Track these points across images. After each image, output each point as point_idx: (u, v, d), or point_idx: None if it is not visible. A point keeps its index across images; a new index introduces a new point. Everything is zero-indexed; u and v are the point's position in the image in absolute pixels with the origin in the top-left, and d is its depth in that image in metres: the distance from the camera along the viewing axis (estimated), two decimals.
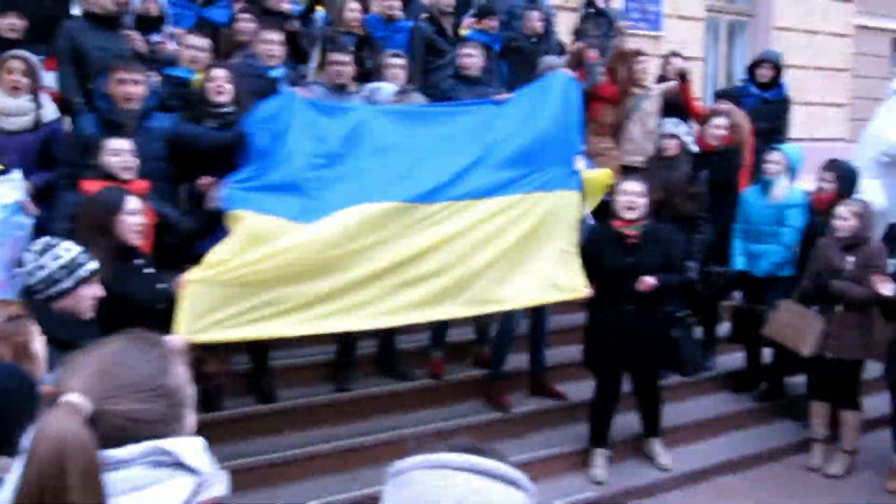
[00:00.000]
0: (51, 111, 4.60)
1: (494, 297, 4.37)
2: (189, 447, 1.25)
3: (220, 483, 1.27)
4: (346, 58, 5.09)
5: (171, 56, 5.12)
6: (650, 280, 4.42)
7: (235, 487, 1.42)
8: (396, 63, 5.27)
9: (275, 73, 4.92)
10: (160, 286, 3.56)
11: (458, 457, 1.09)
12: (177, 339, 2.79)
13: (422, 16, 6.23)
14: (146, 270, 3.53)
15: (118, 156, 3.77)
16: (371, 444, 4.49)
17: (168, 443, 1.23)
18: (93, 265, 2.80)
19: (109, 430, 1.19)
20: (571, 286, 4.50)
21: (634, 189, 4.56)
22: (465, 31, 6.25)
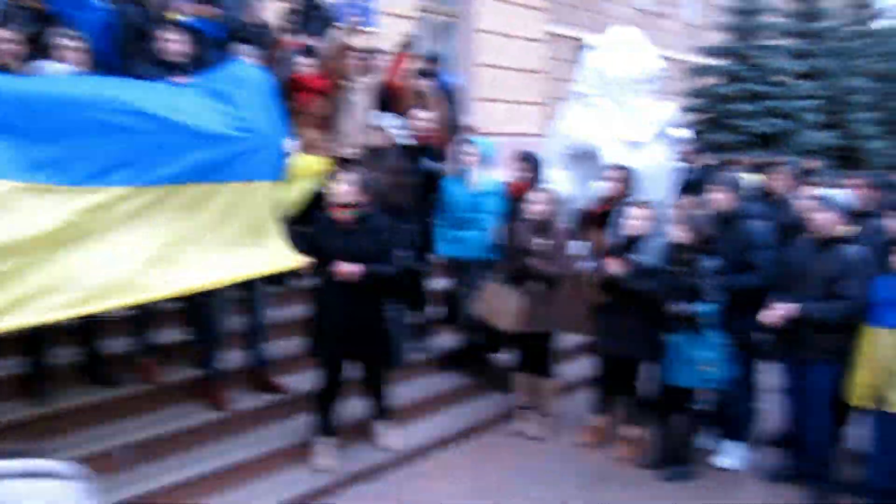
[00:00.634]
0: None
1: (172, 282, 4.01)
2: None
3: None
4: (9, 34, 4.54)
5: None
6: (348, 267, 4.50)
7: None
8: (67, 44, 4.73)
9: None
10: None
11: None
12: None
13: None
14: None
15: None
16: (78, 459, 4.11)
17: None
18: None
19: None
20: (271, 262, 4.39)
21: (346, 179, 4.67)
22: (178, 16, 5.89)
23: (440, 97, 6.84)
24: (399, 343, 4.72)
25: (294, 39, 6.42)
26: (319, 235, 4.67)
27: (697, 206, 5.29)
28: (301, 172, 4.75)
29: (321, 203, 4.92)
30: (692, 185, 7.40)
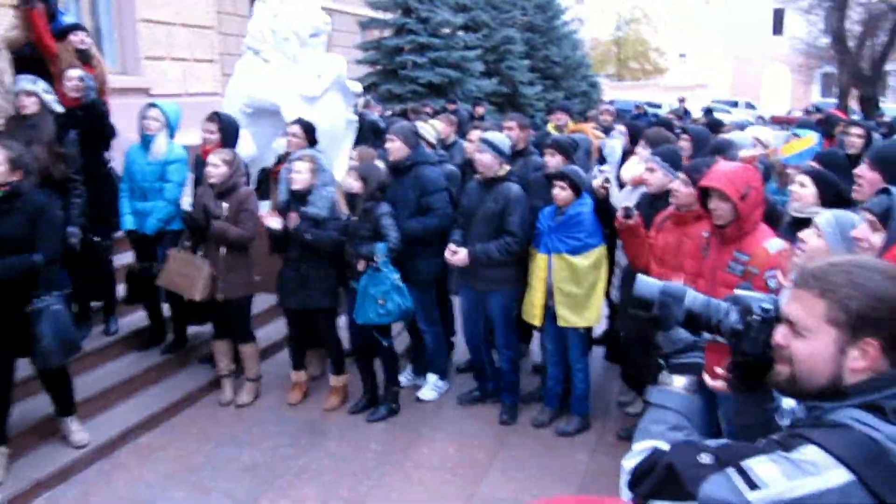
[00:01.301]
0: None
1: None
2: None
3: None
4: None
5: None
6: None
7: None
8: None
9: None
10: None
11: None
12: None
13: None
14: None
15: None
16: None
17: None
18: None
19: None
20: None
21: None
22: None
23: (94, 53, 6.21)
24: (58, 337, 4.17)
25: None
26: None
27: (370, 156, 5.47)
28: None
29: None
30: (369, 135, 7.64)
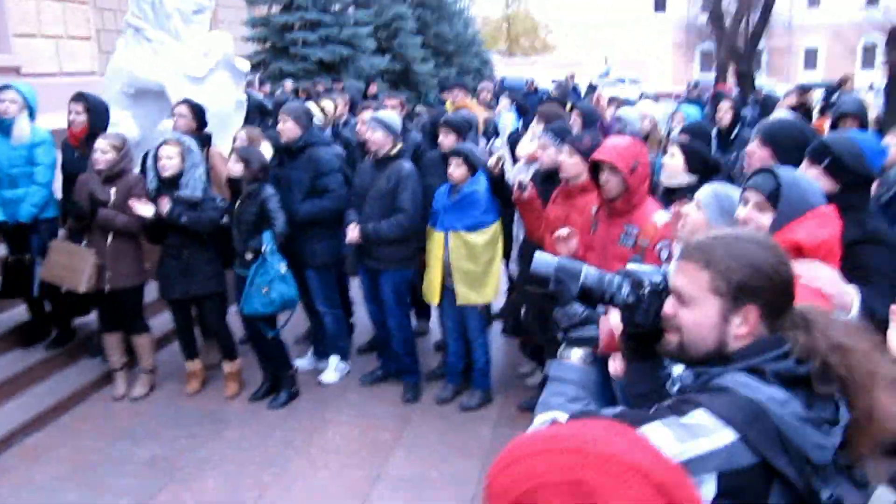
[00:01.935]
0: None
1: None
2: None
3: None
4: None
5: None
6: None
7: None
8: None
9: None
10: None
11: None
12: None
13: None
14: None
15: None
16: None
17: None
18: None
19: None
20: None
21: None
22: None
23: None
24: None
25: None
26: None
27: (258, 137, 5.35)
28: None
29: None
30: (255, 115, 7.47)
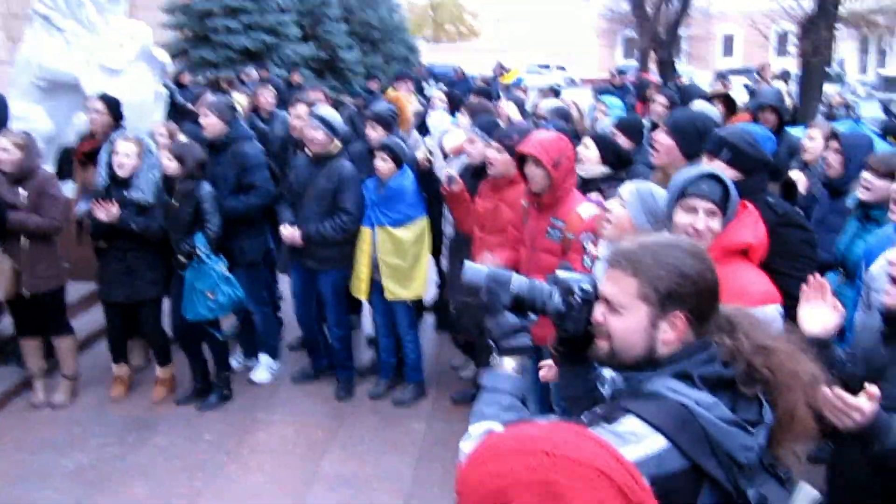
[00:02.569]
0: None
1: None
2: None
3: None
4: None
5: None
6: None
7: None
8: None
9: None
10: None
11: None
12: None
13: None
14: None
15: None
16: None
17: None
18: None
19: None
20: None
21: None
22: None
23: None
24: None
25: None
26: None
27: (182, 133, 5.20)
28: None
29: None
30: (181, 109, 7.26)
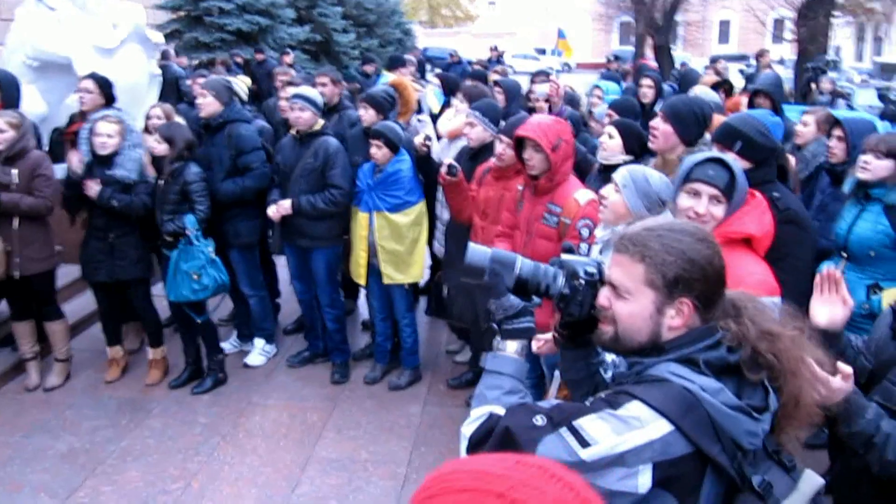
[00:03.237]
0: None
1: None
2: None
3: None
4: None
5: None
6: None
7: None
8: None
9: None
10: None
11: None
12: None
13: None
14: None
15: None
16: None
17: None
18: None
19: None
20: None
21: None
22: None
23: None
24: None
25: None
26: None
27: (170, 114, 5.14)
28: None
29: None
30: (172, 90, 7.18)
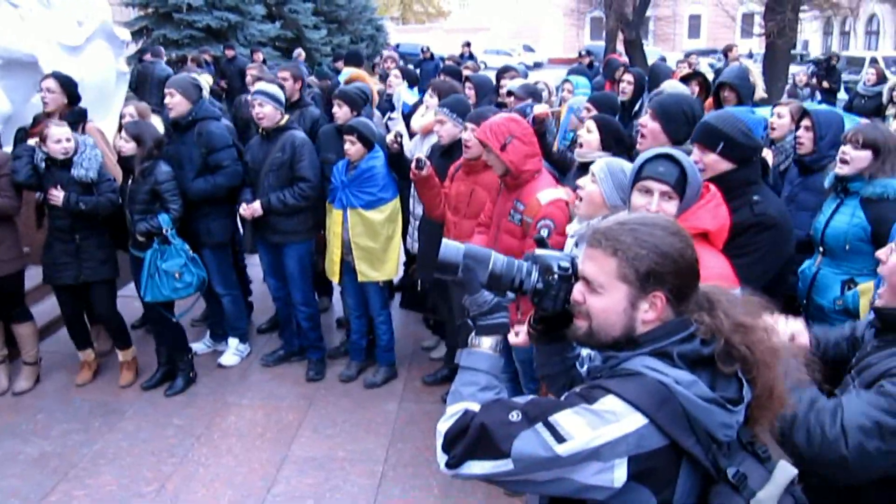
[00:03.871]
0: None
1: None
2: None
3: None
4: None
5: None
6: None
7: None
8: None
9: None
10: None
11: None
12: None
13: None
14: None
15: None
16: None
17: None
18: None
19: None
20: None
21: None
22: None
23: None
24: None
25: None
26: None
27: (145, 112, 5.06)
28: None
29: None
30: (155, 90, 7.09)
